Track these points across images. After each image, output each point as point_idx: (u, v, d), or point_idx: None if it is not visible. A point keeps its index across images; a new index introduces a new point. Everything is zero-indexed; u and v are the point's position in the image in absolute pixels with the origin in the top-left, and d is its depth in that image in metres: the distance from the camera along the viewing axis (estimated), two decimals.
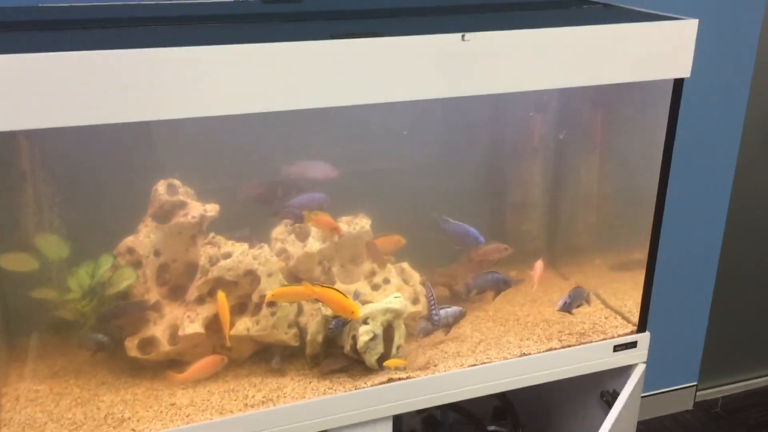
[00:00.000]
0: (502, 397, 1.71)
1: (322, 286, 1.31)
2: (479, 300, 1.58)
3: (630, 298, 1.56)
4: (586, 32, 1.26)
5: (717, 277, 2.23)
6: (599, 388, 1.56)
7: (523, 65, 1.23)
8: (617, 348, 1.49)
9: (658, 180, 1.41)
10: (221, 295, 1.30)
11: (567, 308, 1.49)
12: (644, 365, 1.53)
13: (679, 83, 1.35)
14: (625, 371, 1.53)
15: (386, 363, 1.34)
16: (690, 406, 2.37)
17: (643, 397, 2.25)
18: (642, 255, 1.48)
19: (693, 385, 2.35)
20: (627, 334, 1.50)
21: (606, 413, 1.46)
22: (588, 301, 1.53)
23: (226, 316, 1.30)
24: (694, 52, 1.32)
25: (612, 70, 1.30)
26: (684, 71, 1.33)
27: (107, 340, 1.32)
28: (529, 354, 1.43)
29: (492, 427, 1.71)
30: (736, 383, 2.45)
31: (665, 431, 2.28)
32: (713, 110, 2.01)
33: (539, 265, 1.55)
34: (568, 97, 1.59)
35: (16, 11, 1.33)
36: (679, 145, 1.41)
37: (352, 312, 1.29)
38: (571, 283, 1.65)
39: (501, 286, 1.52)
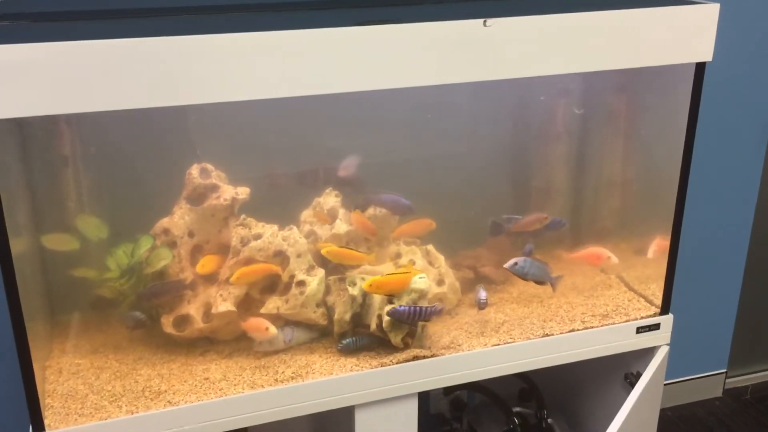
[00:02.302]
0: (528, 379, 1.74)
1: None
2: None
3: (654, 281, 1.57)
4: (607, 17, 1.28)
5: (746, 263, 2.22)
6: (623, 370, 1.58)
7: (545, 50, 1.26)
8: (640, 330, 1.51)
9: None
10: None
11: (519, 271, 1.48)
12: (667, 347, 1.54)
13: (701, 67, 1.37)
14: (648, 353, 1.54)
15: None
16: (719, 394, 2.37)
17: (672, 383, 2.26)
18: (667, 240, 1.50)
19: (722, 372, 2.35)
20: (650, 316, 1.52)
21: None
22: (554, 286, 1.53)
23: (260, 267, 1.37)
24: (718, 36, 1.33)
25: (633, 55, 1.32)
26: (706, 55, 1.35)
27: (145, 318, 1.38)
28: (552, 335, 1.46)
29: (517, 409, 1.74)
30: (765, 371, 2.44)
31: (694, 418, 2.28)
32: (741, 91, 2.00)
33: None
34: (592, 82, 1.61)
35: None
36: (707, 126, 1.41)
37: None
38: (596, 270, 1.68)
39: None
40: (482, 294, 1.49)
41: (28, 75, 1.02)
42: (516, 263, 1.47)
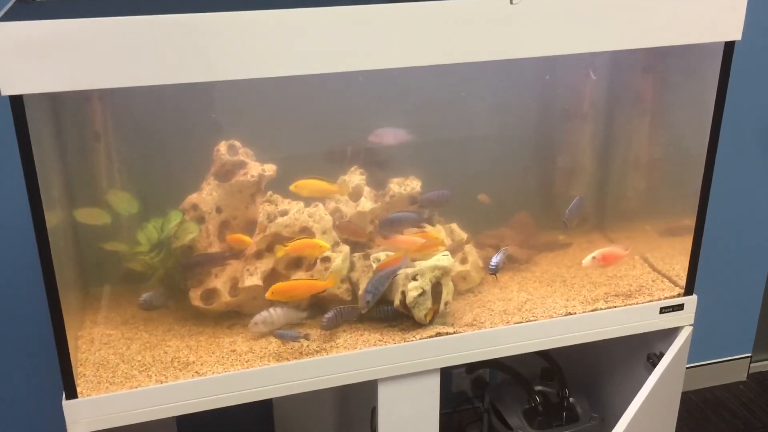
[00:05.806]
0: (550, 358, 1.75)
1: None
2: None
3: (678, 263, 1.57)
4: None
5: None
6: (646, 350, 1.59)
7: (572, 28, 1.26)
8: (663, 310, 1.52)
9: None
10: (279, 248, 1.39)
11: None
12: (690, 328, 1.54)
13: (729, 46, 1.36)
14: (672, 334, 1.54)
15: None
16: (744, 378, 2.36)
17: (696, 366, 2.26)
18: (692, 221, 1.50)
19: (747, 357, 2.34)
20: (674, 297, 1.52)
21: None
22: (430, 222, 1.49)
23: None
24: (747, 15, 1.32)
25: (662, 33, 1.31)
26: (735, 34, 1.34)
27: (152, 299, 1.40)
28: (575, 313, 1.47)
29: (539, 387, 1.75)
30: None
31: (717, 402, 2.28)
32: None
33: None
34: (619, 60, 1.61)
35: None
36: (736, 106, 1.40)
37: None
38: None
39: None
40: (493, 258, 1.47)
41: (60, 50, 1.04)
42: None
